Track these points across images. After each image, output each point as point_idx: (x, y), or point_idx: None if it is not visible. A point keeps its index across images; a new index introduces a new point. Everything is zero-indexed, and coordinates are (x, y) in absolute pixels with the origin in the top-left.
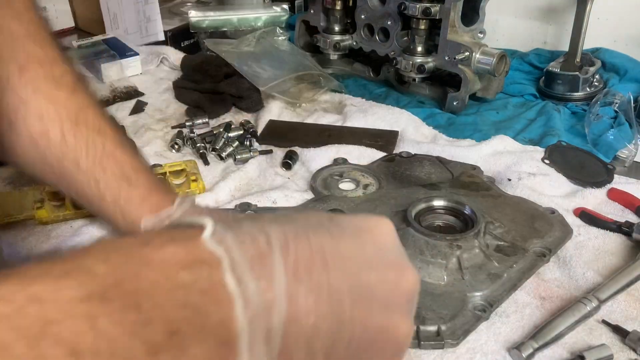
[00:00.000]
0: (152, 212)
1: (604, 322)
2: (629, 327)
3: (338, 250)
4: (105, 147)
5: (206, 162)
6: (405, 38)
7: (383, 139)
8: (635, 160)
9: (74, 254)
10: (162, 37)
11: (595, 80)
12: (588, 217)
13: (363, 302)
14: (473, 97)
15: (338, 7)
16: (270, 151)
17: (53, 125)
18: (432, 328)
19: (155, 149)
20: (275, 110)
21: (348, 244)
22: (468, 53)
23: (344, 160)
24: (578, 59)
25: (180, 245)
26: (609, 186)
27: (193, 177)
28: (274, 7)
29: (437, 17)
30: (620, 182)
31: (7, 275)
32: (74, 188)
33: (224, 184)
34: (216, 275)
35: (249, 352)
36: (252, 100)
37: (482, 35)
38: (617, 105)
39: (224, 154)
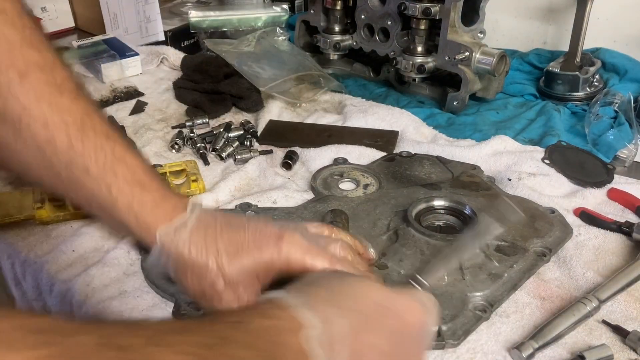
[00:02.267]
0: (167, 218)
1: (604, 322)
2: (629, 327)
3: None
4: (115, 152)
5: (206, 162)
6: (405, 38)
7: (383, 139)
8: (635, 160)
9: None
10: (162, 37)
11: (595, 80)
12: (588, 217)
13: None
14: (473, 97)
15: (338, 7)
16: (271, 151)
17: (59, 131)
18: (433, 328)
19: (155, 149)
20: (275, 110)
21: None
22: (468, 53)
23: (344, 160)
24: (578, 59)
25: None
26: (609, 186)
27: (193, 177)
28: (274, 7)
29: (437, 17)
30: (620, 182)
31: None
32: (84, 194)
33: (224, 184)
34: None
35: None
36: (252, 100)
37: (482, 35)
38: (617, 105)
39: (224, 154)
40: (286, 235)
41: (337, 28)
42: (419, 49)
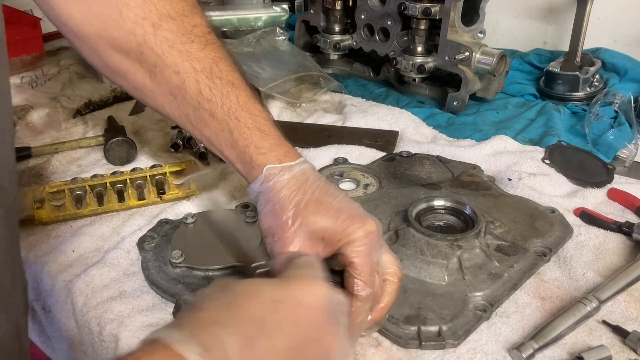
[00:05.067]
0: (277, 160)
1: (604, 322)
2: (629, 328)
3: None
4: (239, 99)
5: (206, 162)
6: (405, 38)
7: (383, 139)
8: (635, 160)
9: None
10: None
11: (595, 80)
12: (588, 217)
13: None
14: (473, 97)
15: (338, 7)
16: None
17: (189, 78)
18: (433, 328)
19: (155, 149)
20: (275, 111)
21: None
22: (468, 53)
23: (344, 160)
24: (578, 59)
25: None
26: (609, 186)
27: None
28: (274, 7)
29: (437, 17)
30: (621, 182)
31: None
32: (206, 133)
33: (224, 184)
34: None
35: None
36: None
37: (482, 35)
38: (617, 105)
39: None
40: (367, 224)
41: (337, 28)
42: (419, 49)
